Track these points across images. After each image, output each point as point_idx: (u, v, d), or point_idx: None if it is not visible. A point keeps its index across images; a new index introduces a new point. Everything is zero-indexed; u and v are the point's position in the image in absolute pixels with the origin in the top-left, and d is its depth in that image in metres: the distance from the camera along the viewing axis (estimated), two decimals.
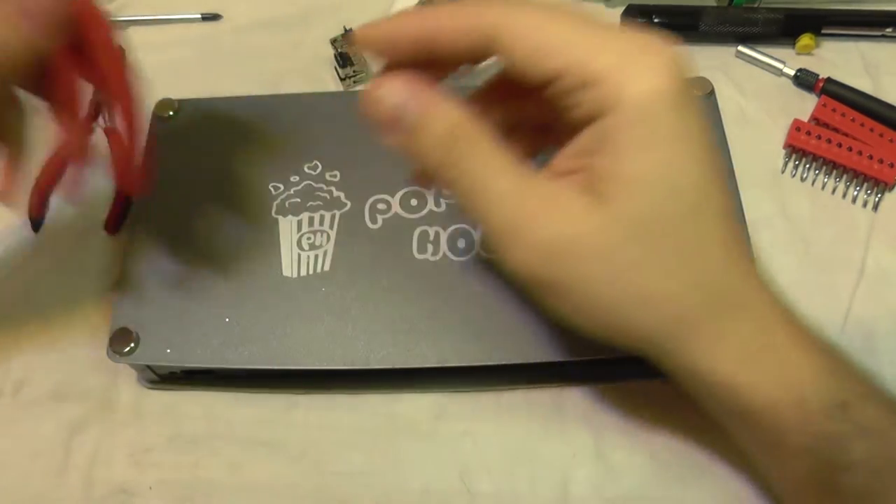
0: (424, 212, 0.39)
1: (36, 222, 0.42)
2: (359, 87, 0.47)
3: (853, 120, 0.43)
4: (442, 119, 0.27)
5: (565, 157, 0.28)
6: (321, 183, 0.40)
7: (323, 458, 0.36)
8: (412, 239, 0.38)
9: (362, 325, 0.36)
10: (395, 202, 0.39)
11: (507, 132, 0.29)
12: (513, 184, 0.27)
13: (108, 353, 0.35)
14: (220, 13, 0.50)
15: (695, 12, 0.46)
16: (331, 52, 0.47)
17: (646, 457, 0.36)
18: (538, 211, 0.26)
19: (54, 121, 0.32)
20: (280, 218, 0.39)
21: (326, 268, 0.37)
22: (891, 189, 0.42)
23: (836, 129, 0.43)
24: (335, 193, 0.39)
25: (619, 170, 0.26)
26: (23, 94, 0.31)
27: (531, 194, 0.27)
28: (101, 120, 0.35)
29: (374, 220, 0.39)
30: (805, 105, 0.44)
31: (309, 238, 0.38)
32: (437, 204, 0.39)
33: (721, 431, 0.33)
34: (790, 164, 0.43)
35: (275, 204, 0.39)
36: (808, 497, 0.29)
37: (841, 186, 0.42)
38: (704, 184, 0.26)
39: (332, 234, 0.38)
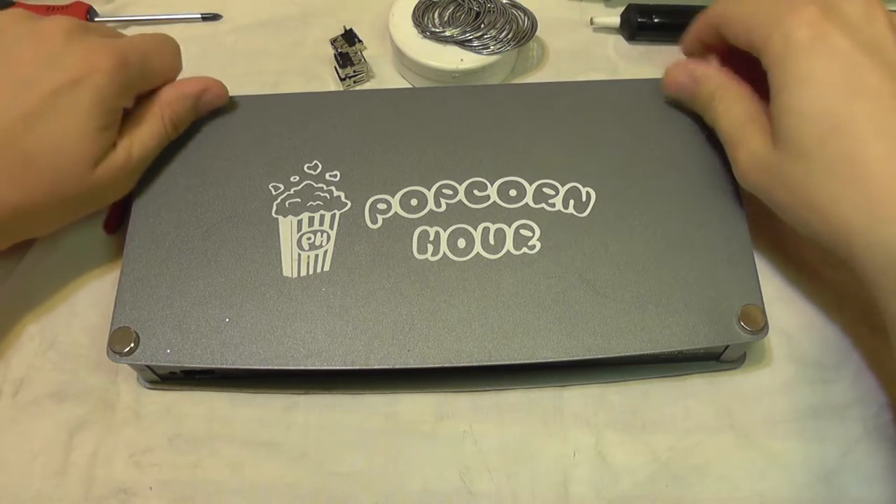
0: (424, 212, 0.39)
1: None
2: (359, 87, 0.47)
3: None
4: (708, 84, 0.39)
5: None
6: (321, 183, 0.40)
7: (323, 458, 0.36)
8: (412, 239, 0.38)
9: (362, 325, 0.36)
10: (395, 202, 0.39)
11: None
12: (741, 124, 0.37)
13: (108, 353, 0.35)
14: (220, 13, 0.50)
15: (695, 12, 0.46)
16: (331, 52, 0.47)
17: (646, 457, 0.36)
18: (750, 138, 0.36)
19: None
20: (280, 218, 0.39)
21: (326, 268, 0.37)
22: None
23: None
24: (335, 193, 0.39)
25: (772, 110, 0.35)
26: None
27: (750, 129, 0.37)
28: None
29: (374, 220, 0.39)
30: None
31: (309, 238, 0.38)
32: (437, 204, 0.39)
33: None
34: None
35: (275, 204, 0.39)
36: None
37: None
38: (836, 110, 0.32)
39: (332, 234, 0.38)
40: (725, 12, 0.38)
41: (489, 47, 0.44)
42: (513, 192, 0.39)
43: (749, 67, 0.37)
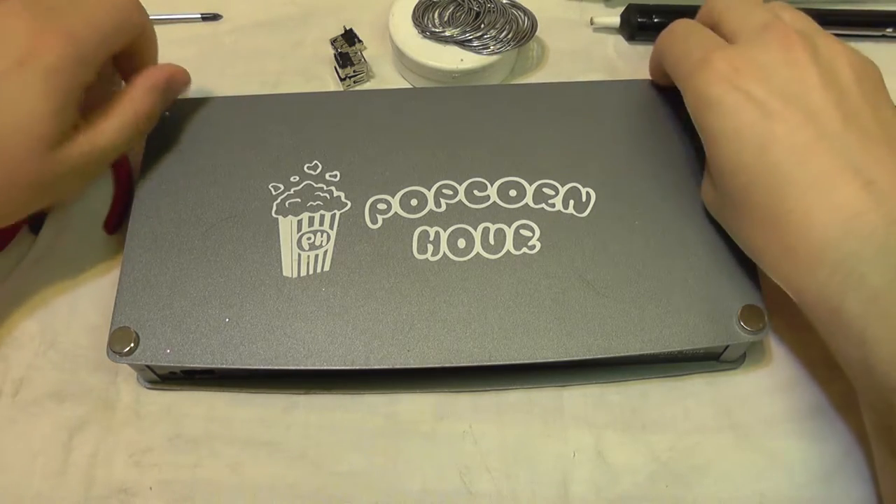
0: (424, 212, 0.39)
1: (35, 224, 0.42)
2: (359, 87, 0.47)
3: None
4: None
5: None
6: (321, 183, 0.40)
7: (323, 458, 0.36)
8: (412, 239, 0.38)
9: (362, 325, 0.36)
10: (395, 202, 0.39)
11: None
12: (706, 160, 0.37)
13: (108, 353, 0.35)
14: (220, 13, 0.50)
15: (695, 12, 0.46)
16: (331, 52, 0.47)
17: (646, 457, 0.36)
18: (707, 176, 0.37)
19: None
20: (280, 218, 0.39)
21: (326, 268, 0.37)
22: None
23: None
24: (335, 193, 0.39)
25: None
26: None
27: (707, 168, 0.37)
28: None
29: (374, 220, 0.39)
30: None
31: (309, 238, 0.38)
32: (437, 204, 0.39)
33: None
34: None
35: (275, 204, 0.39)
36: None
37: None
38: (750, 164, 0.32)
39: (332, 234, 0.38)
40: (659, 48, 0.39)
41: (489, 47, 0.44)
42: (513, 193, 0.39)
43: None
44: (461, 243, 0.38)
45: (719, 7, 0.37)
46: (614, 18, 0.48)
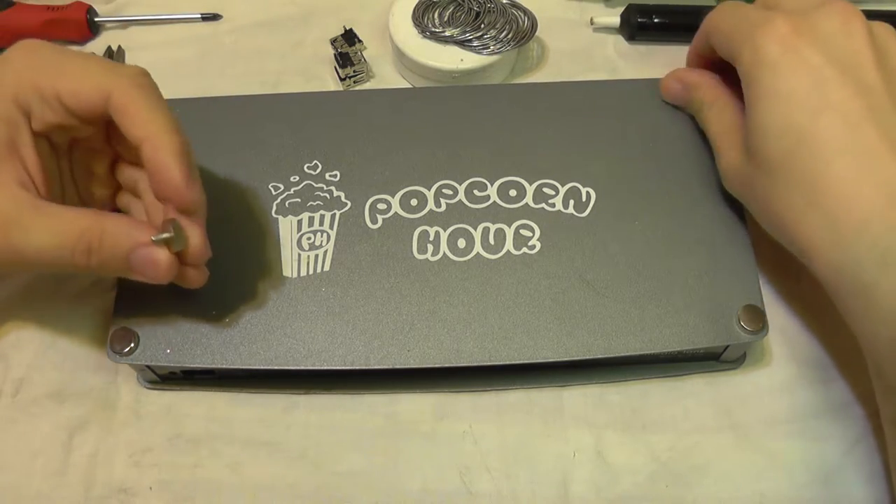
0: (424, 212, 0.39)
1: None
2: (359, 87, 0.47)
3: None
4: (698, 92, 0.40)
5: None
6: (321, 183, 0.40)
7: (323, 458, 0.36)
8: (412, 239, 0.38)
9: (362, 325, 0.36)
10: (395, 202, 0.39)
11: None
12: (725, 132, 0.38)
13: (108, 353, 0.35)
14: (220, 13, 0.50)
15: (695, 12, 0.46)
16: (331, 52, 0.47)
17: (646, 457, 0.36)
18: (731, 147, 0.37)
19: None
20: (280, 218, 0.39)
21: (326, 268, 0.37)
22: None
23: None
24: (335, 193, 0.39)
25: (745, 123, 0.35)
26: None
27: (732, 138, 0.37)
28: None
29: (374, 220, 0.39)
30: None
31: (309, 238, 0.38)
32: (437, 204, 0.39)
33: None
34: None
35: (275, 204, 0.39)
36: None
37: None
38: (801, 126, 0.32)
39: (332, 234, 0.38)
40: (711, 23, 0.38)
41: (489, 47, 0.44)
42: (513, 192, 0.39)
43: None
44: (461, 243, 0.38)
45: None
46: (614, 18, 0.48)
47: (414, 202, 0.39)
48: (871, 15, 0.34)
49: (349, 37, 0.46)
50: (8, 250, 0.30)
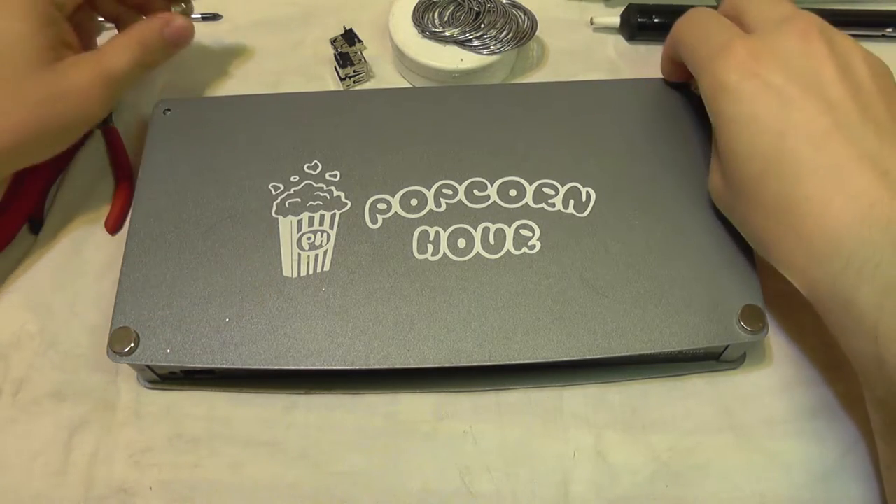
0: (424, 212, 0.39)
1: (35, 224, 0.42)
2: (359, 87, 0.47)
3: None
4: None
5: None
6: (321, 183, 0.40)
7: (323, 458, 0.36)
8: (412, 239, 0.38)
9: (362, 325, 0.36)
10: (395, 202, 0.39)
11: None
12: (714, 152, 0.37)
13: (108, 353, 0.35)
14: (220, 13, 0.50)
15: None
16: (331, 52, 0.47)
17: (646, 457, 0.36)
18: (715, 167, 0.37)
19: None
20: (280, 218, 0.39)
21: (326, 268, 0.37)
22: None
23: None
24: (335, 193, 0.39)
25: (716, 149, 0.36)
26: None
27: (715, 159, 0.37)
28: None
29: (374, 220, 0.39)
30: None
31: (309, 238, 0.38)
32: (438, 204, 0.39)
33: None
34: None
35: (275, 204, 0.39)
36: None
37: None
38: (766, 151, 0.32)
39: (332, 234, 0.38)
40: (677, 33, 0.39)
41: (489, 47, 0.44)
42: (513, 192, 0.39)
43: None
44: (461, 243, 0.38)
45: None
46: (614, 18, 0.48)
47: (414, 202, 0.39)
48: (866, 16, 0.34)
49: (349, 37, 0.46)
50: (108, 94, 0.39)
